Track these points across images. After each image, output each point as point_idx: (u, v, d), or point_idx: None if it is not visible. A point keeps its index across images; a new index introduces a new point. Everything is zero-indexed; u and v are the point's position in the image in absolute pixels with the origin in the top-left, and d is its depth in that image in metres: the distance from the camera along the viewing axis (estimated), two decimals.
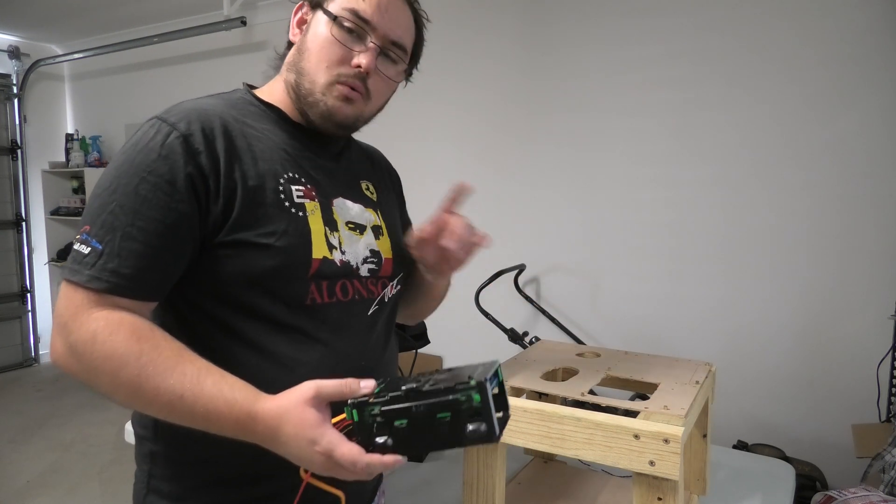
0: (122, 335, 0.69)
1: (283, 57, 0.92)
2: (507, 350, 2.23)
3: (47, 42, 4.81)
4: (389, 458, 0.63)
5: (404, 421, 0.63)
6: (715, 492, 1.15)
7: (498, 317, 2.64)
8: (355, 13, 0.83)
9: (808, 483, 2.08)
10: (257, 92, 0.92)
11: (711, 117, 2.48)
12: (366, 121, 0.91)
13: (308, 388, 0.66)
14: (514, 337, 2.57)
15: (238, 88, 0.92)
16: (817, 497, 1.65)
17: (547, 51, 2.86)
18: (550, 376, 1.06)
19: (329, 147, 0.93)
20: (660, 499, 0.82)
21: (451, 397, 0.61)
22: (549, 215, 2.91)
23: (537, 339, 2.43)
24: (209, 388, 0.67)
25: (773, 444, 2.28)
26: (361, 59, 0.83)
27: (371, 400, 0.64)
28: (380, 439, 0.63)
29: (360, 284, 0.89)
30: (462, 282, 2.99)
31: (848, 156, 2.25)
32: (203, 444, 0.78)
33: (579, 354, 1.17)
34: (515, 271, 2.84)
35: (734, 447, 2.17)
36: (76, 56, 4.50)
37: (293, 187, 0.84)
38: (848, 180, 2.25)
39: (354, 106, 0.86)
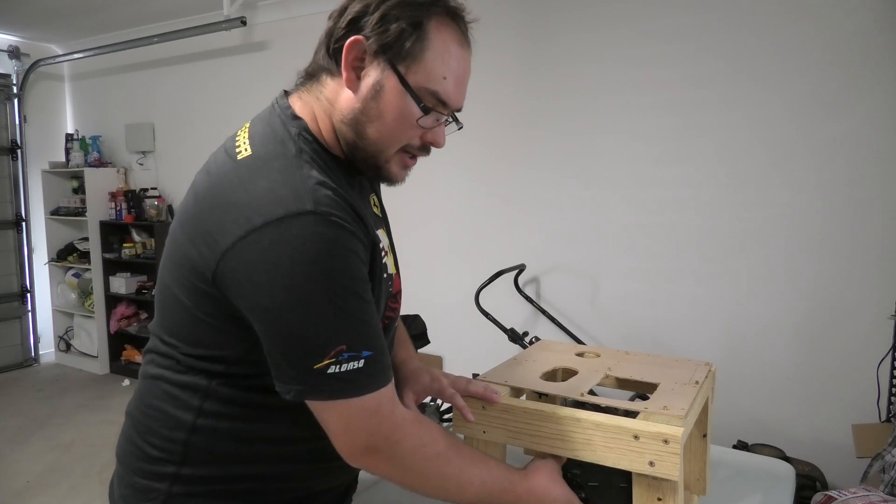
0: (442, 439, 0.81)
1: (311, 73, 0.84)
2: (507, 350, 2.22)
3: (47, 42, 4.81)
4: None
5: (596, 483, 0.91)
6: (715, 492, 1.15)
7: (498, 317, 2.64)
8: (437, 97, 0.79)
9: (808, 483, 2.08)
10: (312, 127, 0.83)
11: (711, 118, 2.48)
12: None
13: (555, 465, 0.91)
14: (514, 337, 2.57)
15: (301, 132, 0.81)
16: (817, 497, 1.65)
17: (548, 48, 2.86)
18: (550, 376, 1.06)
19: (358, 177, 0.89)
20: (660, 499, 0.82)
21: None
22: (550, 215, 2.91)
23: (537, 339, 2.43)
24: (497, 473, 0.85)
25: (773, 444, 2.28)
26: (438, 140, 0.85)
27: (573, 472, 0.93)
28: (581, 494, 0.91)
29: (388, 310, 0.91)
30: (462, 282, 3.00)
31: (848, 157, 2.25)
32: (238, 465, 0.83)
33: (579, 354, 1.17)
34: (515, 271, 2.85)
35: (734, 447, 2.17)
36: (76, 56, 4.50)
37: (380, 247, 0.83)
38: (847, 181, 2.25)
39: (410, 169, 0.88)
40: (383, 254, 0.86)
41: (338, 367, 0.71)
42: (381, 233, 0.93)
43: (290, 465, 0.85)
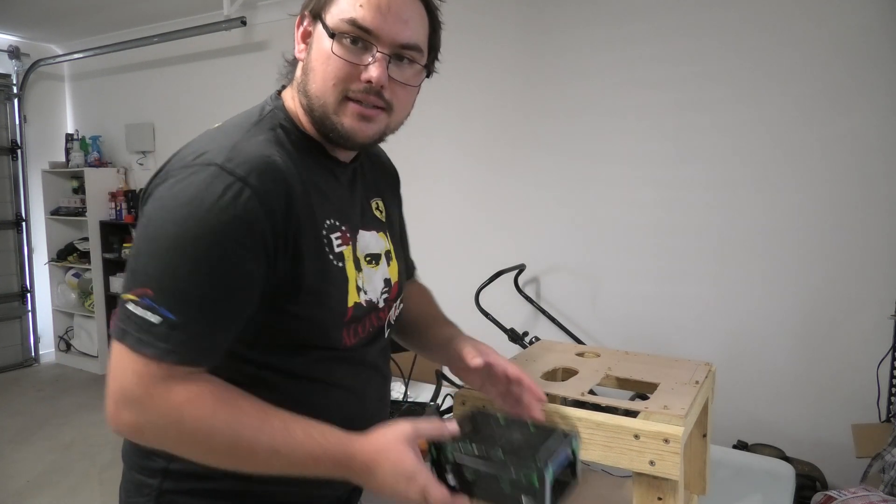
0: (209, 405, 0.69)
1: (293, 65, 0.87)
2: (507, 350, 2.23)
3: (47, 42, 4.80)
4: None
5: (472, 475, 0.70)
6: (715, 492, 1.15)
7: (498, 317, 2.64)
8: (354, 23, 0.76)
9: (808, 483, 2.08)
10: (288, 109, 0.85)
11: (709, 118, 2.48)
12: (393, 131, 0.85)
13: (406, 428, 0.72)
14: (514, 337, 2.57)
15: (275, 108, 0.84)
16: (817, 497, 1.65)
17: (545, 54, 2.86)
18: (550, 376, 1.06)
19: (347, 168, 0.89)
20: (660, 499, 0.82)
21: (513, 474, 0.68)
22: (550, 215, 2.91)
23: (537, 339, 2.43)
24: (300, 438, 0.71)
25: (773, 444, 2.28)
26: (371, 74, 0.76)
27: (450, 447, 0.72)
28: (449, 479, 0.72)
29: (376, 316, 0.90)
30: (462, 282, 3.00)
31: (847, 156, 2.25)
32: None
33: (579, 354, 1.17)
34: (515, 271, 2.85)
35: (734, 447, 2.17)
36: (76, 56, 4.50)
37: (333, 235, 0.82)
38: (847, 181, 2.25)
39: (375, 123, 0.80)
40: (339, 242, 0.82)
41: (137, 308, 0.68)
42: (376, 234, 0.92)
43: None
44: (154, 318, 0.68)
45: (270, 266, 0.74)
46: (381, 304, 0.90)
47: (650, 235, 2.65)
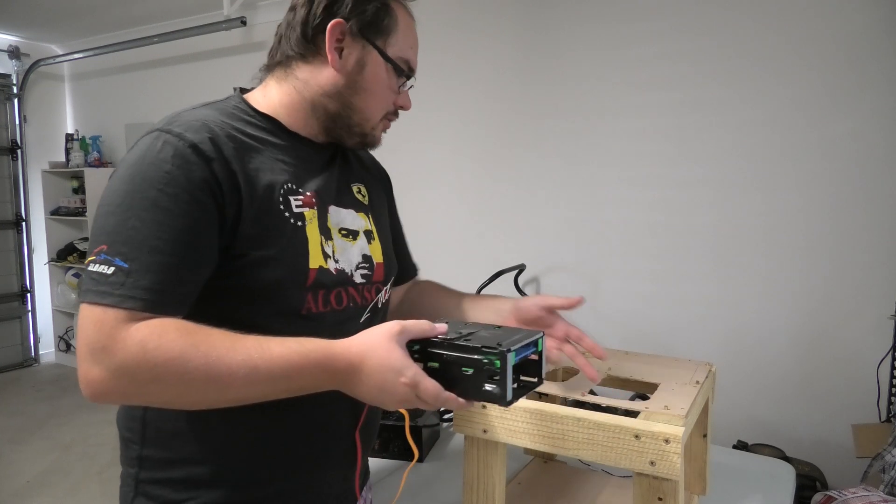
0: (172, 335, 0.67)
1: (278, 62, 0.92)
2: None
3: (47, 42, 4.81)
4: (462, 401, 0.70)
5: (436, 364, 0.71)
6: (715, 492, 1.15)
7: None
8: (408, 64, 0.91)
9: (808, 483, 2.08)
10: (250, 99, 0.91)
11: (708, 118, 2.48)
12: None
13: (393, 326, 0.71)
14: None
15: (231, 95, 0.92)
16: (817, 497, 1.65)
17: (544, 53, 2.86)
18: (550, 376, 1.06)
19: (322, 152, 0.93)
20: (660, 499, 0.82)
21: (475, 357, 0.69)
22: (549, 215, 2.91)
23: None
24: (277, 351, 0.69)
25: (773, 444, 2.28)
26: (407, 103, 0.94)
27: (430, 344, 0.73)
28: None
29: (356, 291, 0.89)
30: (462, 282, 3.00)
31: (847, 155, 2.25)
32: (194, 444, 0.81)
33: None
34: (515, 271, 2.84)
35: (734, 447, 2.17)
36: (76, 56, 4.50)
37: (291, 198, 0.84)
38: (848, 181, 2.25)
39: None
40: (298, 204, 0.84)
41: (95, 266, 0.70)
42: (354, 213, 0.94)
43: (241, 451, 0.82)
44: (109, 270, 0.69)
45: (220, 212, 0.76)
46: (359, 280, 0.90)
47: (650, 235, 2.65)
